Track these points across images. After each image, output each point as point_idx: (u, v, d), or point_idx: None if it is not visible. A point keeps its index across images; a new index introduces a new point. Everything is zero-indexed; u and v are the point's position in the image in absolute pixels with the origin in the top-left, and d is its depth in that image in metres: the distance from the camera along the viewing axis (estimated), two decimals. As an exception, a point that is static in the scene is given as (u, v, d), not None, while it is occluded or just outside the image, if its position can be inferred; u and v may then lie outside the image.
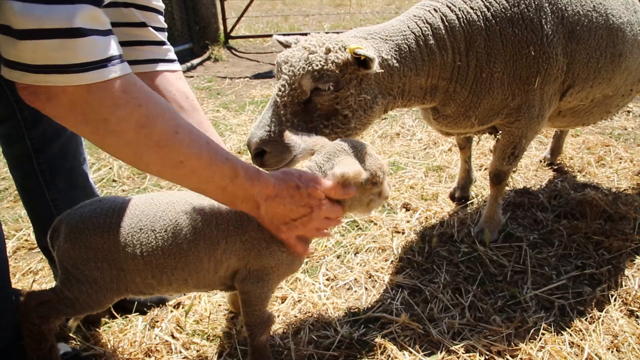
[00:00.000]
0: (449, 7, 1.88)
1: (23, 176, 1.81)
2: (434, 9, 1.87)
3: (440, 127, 2.21)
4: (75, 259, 1.34)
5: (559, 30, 1.96)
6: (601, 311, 1.90)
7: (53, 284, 2.08)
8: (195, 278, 1.41)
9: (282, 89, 1.64)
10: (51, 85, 0.91)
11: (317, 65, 1.60)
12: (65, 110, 0.96)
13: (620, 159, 3.25)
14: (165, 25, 1.65)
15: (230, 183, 1.16)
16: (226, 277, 1.44)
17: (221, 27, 7.86)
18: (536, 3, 1.90)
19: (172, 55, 1.67)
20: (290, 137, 1.46)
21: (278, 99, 1.65)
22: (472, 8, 1.88)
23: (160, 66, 1.62)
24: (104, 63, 0.94)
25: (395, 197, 2.75)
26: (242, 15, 8.00)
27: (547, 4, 1.93)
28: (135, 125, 1.00)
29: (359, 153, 1.39)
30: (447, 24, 1.86)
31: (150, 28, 1.57)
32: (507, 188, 2.80)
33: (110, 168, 3.30)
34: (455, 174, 3.05)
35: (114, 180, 3.14)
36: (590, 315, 1.88)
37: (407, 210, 2.66)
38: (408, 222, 2.53)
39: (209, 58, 7.07)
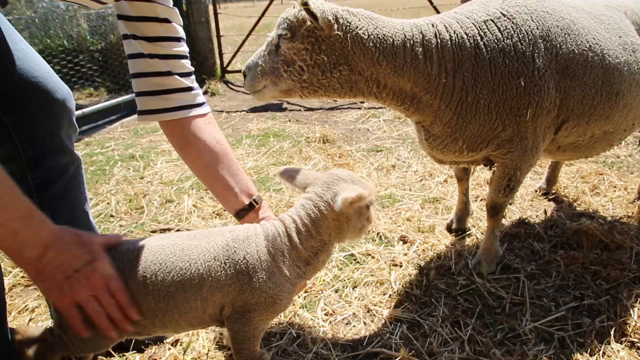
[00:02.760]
0: (445, 27, 1.93)
1: None
2: (432, 24, 1.93)
3: (432, 151, 2.23)
4: None
5: (552, 65, 1.99)
6: (601, 343, 1.89)
7: (50, 321, 2.06)
8: (186, 318, 1.39)
9: (271, 32, 1.88)
10: None
11: (285, 14, 1.81)
12: None
13: (615, 187, 3.28)
14: (192, 69, 1.66)
15: (24, 228, 1.12)
16: (216, 314, 1.43)
17: (218, 61, 8.00)
18: (529, 38, 1.95)
19: (200, 98, 1.68)
20: (284, 171, 1.53)
21: (267, 38, 1.89)
22: (466, 34, 1.93)
23: (189, 112, 1.63)
24: None
25: (392, 229, 2.76)
26: (238, 50, 8.15)
27: (540, 40, 1.97)
28: None
29: (355, 179, 1.43)
30: (439, 40, 1.91)
31: (176, 76, 1.59)
32: (503, 219, 2.81)
33: (108, 203, 3.31)
34: (451, 205, 3.07)
35: (112, 216, 3.15)
36: (591, 347, 1.88)
37: (405, 242, 2.66)
38: (405, 254, 2.54)
39: (206, 92, 7.17)
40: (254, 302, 1.39)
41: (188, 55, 1.65)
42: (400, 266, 2.44)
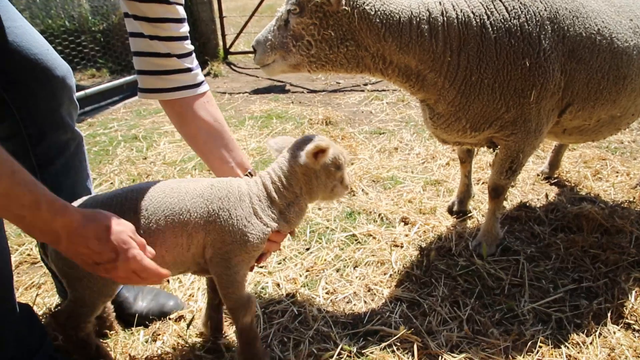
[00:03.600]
0: (452, 5, 1.95)
1: None
2: (439, 2, 1.95)
3: (436, 130, 2.25)
4: (66, 258, 1.38)
5: (559, 47, 1.99)
6: (598, 324, 1.92)
7: (56, 297, 2.10)
8: (173, 255, 1.47)
9: (280, 7, 1.91)
10: None
11: None
12: None
13: (617, 172, 3.29)
14: (191, 48, 1.67)
15: (29, 214, 1.14)
16: (199, 254, 1.52)
17: (220, 43, 7.94)
18: (537, 19, 1.94)
19: (200, 77, 1.70)
20: (270, 142, 1.68)
21: (277, 14, 1.93)
22: (472, 12, 1.94)
23: (188, 92, 1.66)
24: None
25: (393, 211, 2.78)
26: (241, 31, 8.08)
27: (548, 22, 1.96)
28: None
29: (324, 138, 1.54)
30: (445, 18, 1.92)
31: (175, 58, 1.60)
32: (504, 202, 2.83)
33: (112, 183, 3.33)
34: (452, 188, 3.08)
35: (115, 195, 3.17)
36: (587, 328, 1.90)
37: (406, 224, 2.68)
38: (406, 236, 2.56)
39: (208, 74, 7.13)
40: (230, 241, 1.48)
41: (188, 35, 1.65)
42: (401, 247, 2.47)
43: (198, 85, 1.69)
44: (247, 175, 1.72)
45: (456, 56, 1.95)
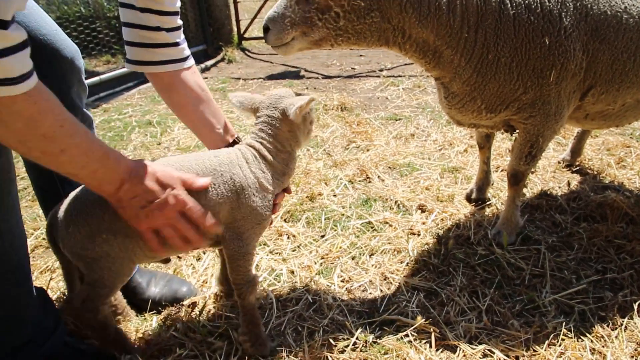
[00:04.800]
0: None
1: (38, 175, 1.82)
2: None
3: (450, 110, 2.19)
4: (81, 240, 1.39)
5: (581, 26, 1.91)
6: (624, 317, 1.85)
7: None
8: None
9: None
10: None
11: None
12: None
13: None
14: (180, 23, 1.70)
15: (101, 166, 1.25)
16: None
17: (235, 28, 7.88)
18: None
19: (186, 52, 1.73)
20: (232, 96, 1.68)
21: None
22: None
23: (175, 66, 1.69)
24: (17, 80, 1.02)
25: (410, 198, 2.72)
26: (255, 17, 8.01)
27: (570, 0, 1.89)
28: (27, 120, 1.08)
29: (292, 94, 1.64)
30: None
31: (164, 32, 1.62)
32: (524, 190, 2.75)
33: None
34: (471, 175, 3.01)
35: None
36: (612, 321, 1.84)
37: (423, 211, 2.62)
38: (424, 223, 2.50)
39: (222, 59, 7.09)
40: (241, 217, 1.53)
41: (179, 10, 1.68)
42: (418, 235, 2.41)
43: (185, 59, 1.72)
44: (234, 141, 1.78)
45: (473, 32, 1.88)
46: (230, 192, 1.50)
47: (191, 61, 1.75)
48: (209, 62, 6.82)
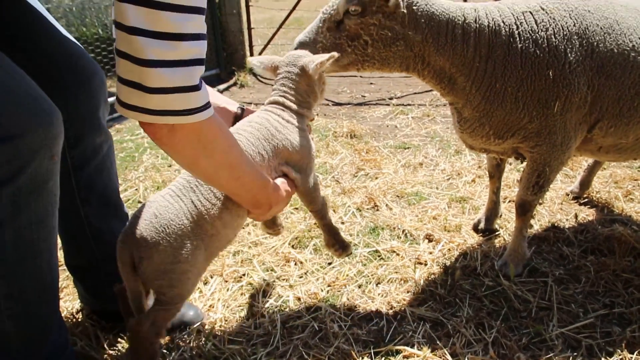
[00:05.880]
0: (485, 14, 2.02)
1: (60, 194, 1.87)
2: (475, 9, 2.02)
3: (462, 134, 2.28)
4: (172, 254, 1.45)
5: (586, 62, 1.99)
6: (632, 353, 1.84)
7: (77, 302, 2.11)
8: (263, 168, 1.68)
9: (327, 8, 1.96)
10: (172, 123, 1.17)
11: None
12: (181, 141, 1.23)
13: (649, 194, 3.18)
14: None
15: (259, 192, 1.52)
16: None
17: (248, 53, 8.03)
18: (564, 33, 1.97)
19: None
20: (252, 60, 1.89)
21: (322, 15, 1.97)
22: (503, 22, 2.00)
23: None
24: (206, 106, 1.20)
25: (418, 227, 2.73)
26: (268, 43, 8.18)
27: (576, 37, 1.98)
28: (222, 151, 1.33)
29: (308, 53, 1.82)
30: (477, 25, 1.99)
31: None
32: (532, 221, 2.76)
33: (136, 189, 3.37)
34: (478, 205, 3.02)
35: (139, 202, 3.20)
36: (620, 356, 1.83)
37: (430, 241, 2.63)
38: (430, 253, 2.51)
39: (235, 84, 7.20)
40: (300, 157, 1.74)
41: None
42: (425, 264, 2.42)
43: None
44: (240, 108, 1.91)
45: (484, 62, 2.00)
46: (282, 142, 1.68)
47: None
48: (222, 86, 6.93)
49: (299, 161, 1.74)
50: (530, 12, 2.01)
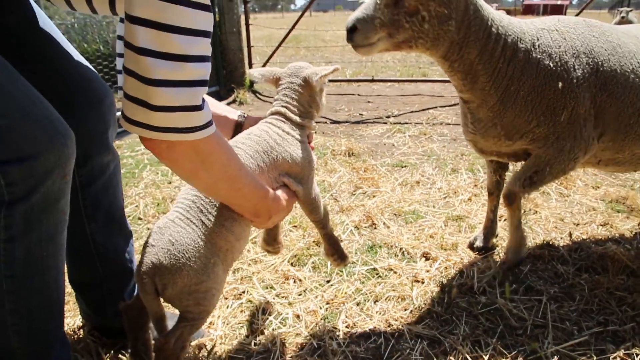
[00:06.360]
0: (513, 22, 2.20)
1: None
2: (507, 17, 2.22)
3: (475, 136, 2.41)
4: (196, 275, 1.48)
5: (591, 79, 2.19)
6: (624, 371, 1.87)
7: (78, 318, 2.13)
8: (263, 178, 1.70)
9: None
10: (173, 140, 1.22)
11: None
12: (179, 156, 1.28)
13: (642, 213, 3.23)
14: None
15: (259, 202, 1.56)
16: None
17: (247, 71, 8.13)
18: (573, 51, 2.19)
19: None
20: (253, 72, 1.89)
21: None
22: (526, 32, 2.20)
23: None
24: (208, 124, 1.26)
25: (415, 245, 2.78)
26: (267, 61, 8.29)
27: (583, 55, 2.19)
28: (220, 164, 1.38)
29: (310, 65, 1.86)
30: (507, 30, 2.15)
31: None
32: (528, 240, 2.81)
33: (137, 206, 3.40)
34: (474, 224, 3.07)
35: (140, 218, 3.23)
36: (614, 374, 1.86)
37: (427, 259, 2.67)
38: (427, 271, 2.55)
39: (234, 101, 7.29)
40: (300, 169, 1.76)
41: None
42: (422, 282, 2.46)
43: None
44: (240, 116, 1.93)
45: (506, 64, 2.16)
46: (282, 154, 1.70)
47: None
48: (221, 103, 7.00)
49: (300, 173, 1.76)
50: (547, 30, 2.22)
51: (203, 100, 1.23)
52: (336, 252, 2.01)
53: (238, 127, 1.89)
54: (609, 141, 2.32)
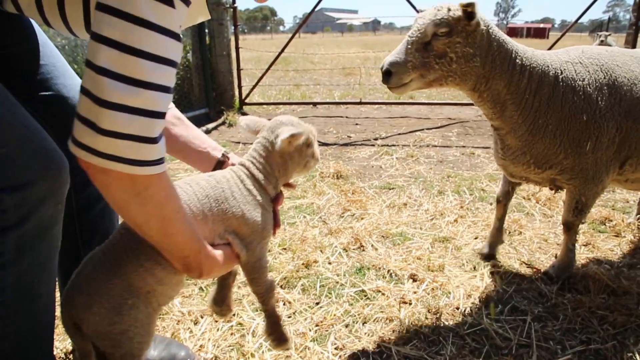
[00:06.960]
0: (537, 55, 2.33)
1: (63, 236, 1.94)
2: (531, 50, 2.35)
3: (504, 161, 2.55)
4: (108, 315, 1.37)
5: (615, 108, 2.34)
6: (606, 388, 1.92)
7: (68, 341, 2.14)
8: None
9: (413, 32, 2.17)
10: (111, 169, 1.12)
11: (439, 17, 2.13)
12: (112, 182, 1.16)
13: (624, 231, 3.32)
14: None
15: (191, 254, 1.38)
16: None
17: (237, 93, 8.22)
18: (596, 84, 2.32)
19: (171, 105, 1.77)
20: (241, 120, 1.74)
21: (408, 39, 2.18)
22: (551, 65, 2.32)
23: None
24: (158, 161, 1.17)
25: (402, 267, 2.83)
26: (257, 83, 8.39)
27: (606, 88, 2.34)
28: (157, 202, 1.23)
29: (294, 122, 1.65)
30: (532, 62, 2.28)
31: None
32: (511, 262, 2.87)
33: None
34: (461, 245, 3.13)
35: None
36: (595, 392, 1.91)
37: (414, 281, 2.72)
38: (415, 292, 2.60)
39: (223, 123, 7.35)
40: (250, 232, 1.56)
41: None
42: (410, 304, 2.50)
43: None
44: (223, 154, 1.82)
45: (532, 96, 2.29)
46: (233, 208, 1.53)
47: (175, 111, 1.80)
48: (210, 125, 7.06)
49: (248, 235, 1.57)
50: (571, 63, 2.35)
51: (160, 135, 1.16)
52: (274, 332, 1.77)
53: (219, 165, 1.82)
54: (636, 164, 2.49)
